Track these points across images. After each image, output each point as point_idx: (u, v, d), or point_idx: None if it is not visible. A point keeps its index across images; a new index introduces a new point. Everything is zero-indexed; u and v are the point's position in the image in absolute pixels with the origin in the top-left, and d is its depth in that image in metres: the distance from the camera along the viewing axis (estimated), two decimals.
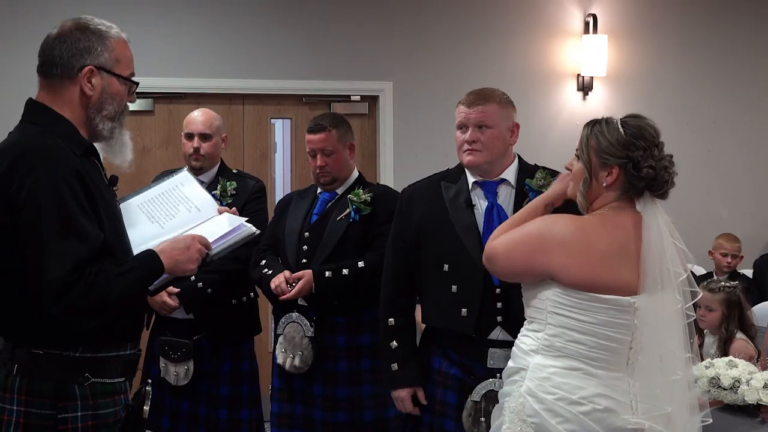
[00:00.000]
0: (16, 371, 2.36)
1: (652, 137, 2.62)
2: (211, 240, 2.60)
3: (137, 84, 2.54)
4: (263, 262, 3.99)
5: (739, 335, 4.58)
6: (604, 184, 2.63)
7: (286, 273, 3.83)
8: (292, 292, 3.79)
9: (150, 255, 2.45)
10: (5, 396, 2.37)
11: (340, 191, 3.99)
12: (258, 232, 2.77)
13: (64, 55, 2.41)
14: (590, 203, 2.68)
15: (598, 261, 2.56)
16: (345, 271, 3.80)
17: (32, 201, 2.26)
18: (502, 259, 2.69)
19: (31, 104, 2.48)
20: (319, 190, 4.04)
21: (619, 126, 2.63)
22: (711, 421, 2.69)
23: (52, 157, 2.31)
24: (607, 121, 2.66)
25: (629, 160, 2.59)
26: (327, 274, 3.79)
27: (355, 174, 4.04)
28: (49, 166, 2.29)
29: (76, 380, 2.36)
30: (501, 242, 2.69)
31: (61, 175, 2.29)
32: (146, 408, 2.51)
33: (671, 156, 2.64)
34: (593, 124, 2.68)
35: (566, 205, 2.83)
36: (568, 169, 2.79)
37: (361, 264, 3.80)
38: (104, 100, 2.45)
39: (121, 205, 2.67)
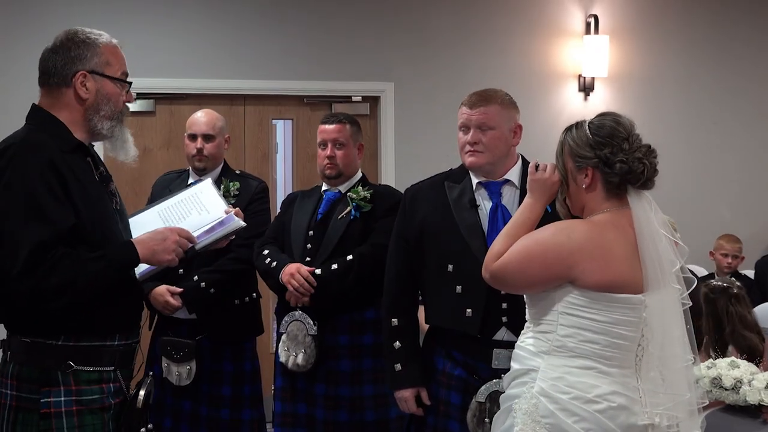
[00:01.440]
0: (9, 358, 2.56)
1: (620, 133, 2.66)
2: (196, 233, 2.75)
3: (130, 83, 2.71)
4: (266, 251, 4.00)
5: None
6: (584, 186, 2.67)
7: (302, 269, 3.82)
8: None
9: (125, 244, 2.59)
10: (2, 381, 2.54)
11: (343, 189, 4.02)
12: (245, 225, 2.85)
13: (58, 65, 2.62)
14: (579, 210, 2.71)
15: (616, 262, 2.58)
16: (334, 266, 3.82)
17: (6, 190, 2.46)
18: (516, 276, 2.64)
19: (31, 108, 2.67)
20: (324, 188, 4.07)
21: (587, 128, 2.69)
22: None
23: (29, 149, 2.49)
24: (578, 126, 2.73)
25: (599, 158, 2.64)
26: (317, 272, 3.82)
27: (359, 174, 4.07)
28: (24, 156, 2.48)
29: (59, 367, 2.51)
30: (510, 259, 2.64)
31: (35, 164, 2.47)
32: (141, 395, 2.61)
33: (648, 146, 2.67)
34: (567, 131, 2.75)
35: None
36: (536, 165, 2.82)
37: (349, 257, 3.83)
38: (100, 101, 2.64)
39: (144, 212, 2.94)
